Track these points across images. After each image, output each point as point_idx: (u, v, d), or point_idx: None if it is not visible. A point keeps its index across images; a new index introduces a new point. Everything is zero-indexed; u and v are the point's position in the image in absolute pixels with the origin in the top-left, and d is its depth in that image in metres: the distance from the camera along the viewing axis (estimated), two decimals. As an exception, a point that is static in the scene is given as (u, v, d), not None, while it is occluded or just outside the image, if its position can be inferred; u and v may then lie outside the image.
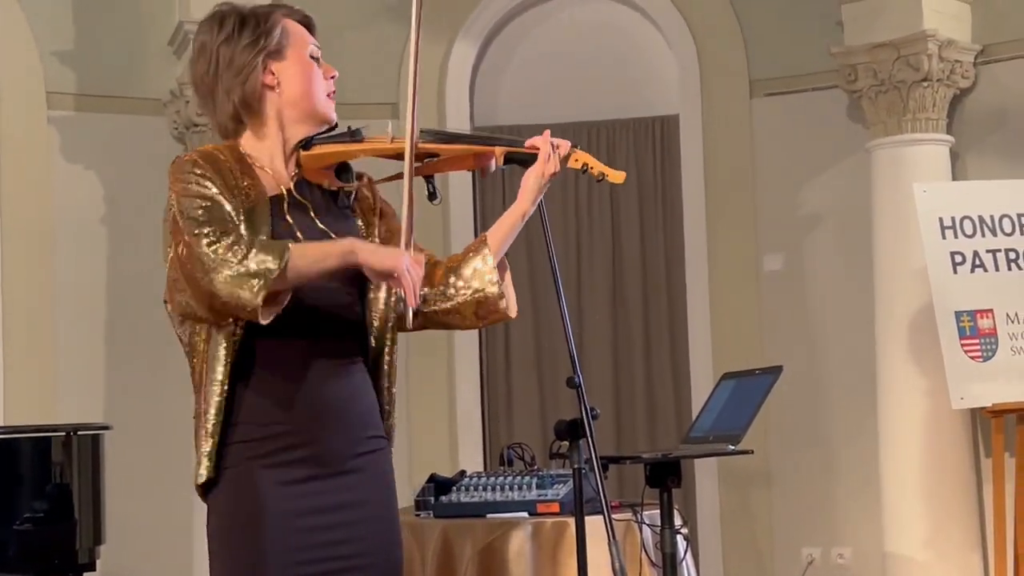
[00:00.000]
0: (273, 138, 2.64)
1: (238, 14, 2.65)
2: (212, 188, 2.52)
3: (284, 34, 2.64)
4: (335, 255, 2.49)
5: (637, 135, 7.10)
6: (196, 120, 6.49)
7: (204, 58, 2.64)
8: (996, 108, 6.34)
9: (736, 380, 4.75)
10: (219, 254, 2.43)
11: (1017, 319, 5.83)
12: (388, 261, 2.49)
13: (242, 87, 2.61)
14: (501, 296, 2.67)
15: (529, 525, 4.26)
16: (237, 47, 2.61)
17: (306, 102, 2.64)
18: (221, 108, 2.64)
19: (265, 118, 2.64)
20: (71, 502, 5.35)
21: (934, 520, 6.06)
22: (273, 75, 2.62)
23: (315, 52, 2.68)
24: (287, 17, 2.68)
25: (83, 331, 6.54)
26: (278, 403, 2.54)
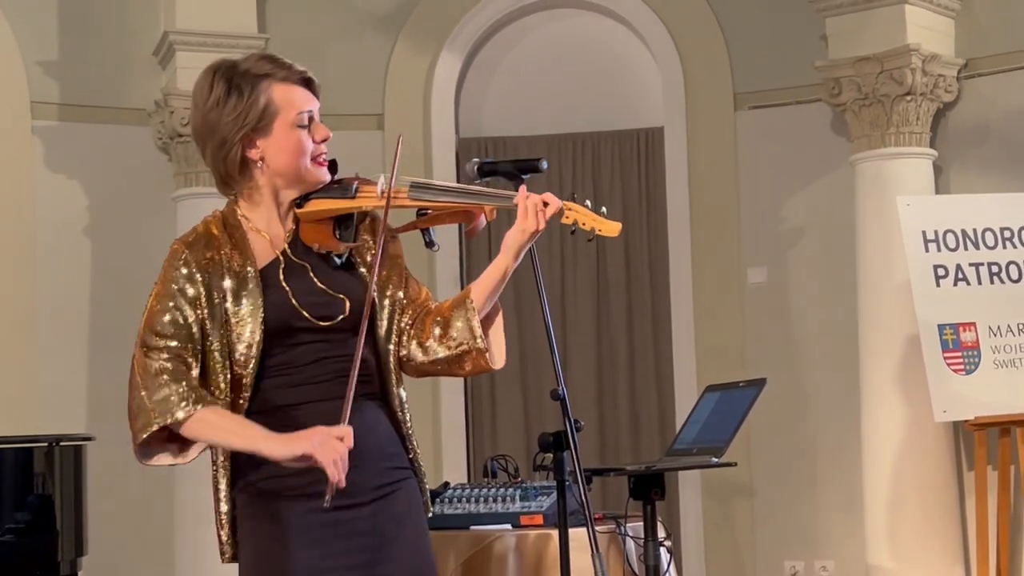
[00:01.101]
0: (266, 201, 2.67)
1: (228, 80, 2.62)
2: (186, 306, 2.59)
3: (269, 107, 2.61)
4: (239, 440, 2.55)
5: (622, 147, 7.11)
6: (180, 131, 6.49)
7: (195, 119, 2.67)
8: (979, 122, 6.36)
9: (720, 392, 4.75)
10: (143, 374, 2.59)
11: (999, 332, 5.85)
12: (295, 448, 2.49)
13: (224, 159, 2.63)
14: (486, 350, 2.70)
15: (513, 537, 4.25)
16: (221, 118, 2.61)
17: (292, 173, 2.65)
18: (212, 170, 2.68)
19: (255, 185, 2.66)
20: (53, 513, 5.33)
21: (917, 533, 6.07)
22: (257, 148, 2.62)
23: (305, 119, 2.64)
24: (281, 81, 2.63)
25: (66, 342, 6.52)
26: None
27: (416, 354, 2.72)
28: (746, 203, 6.85)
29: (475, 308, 2.69)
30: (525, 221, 2.67)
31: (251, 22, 6.67)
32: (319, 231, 2.66)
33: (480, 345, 2.68)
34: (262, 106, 2.60)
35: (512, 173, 3.01)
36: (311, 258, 2.66)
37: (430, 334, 2.71)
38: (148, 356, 2.57)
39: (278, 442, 2.51)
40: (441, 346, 2.70)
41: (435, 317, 2.73)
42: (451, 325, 2.70)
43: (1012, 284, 5.93)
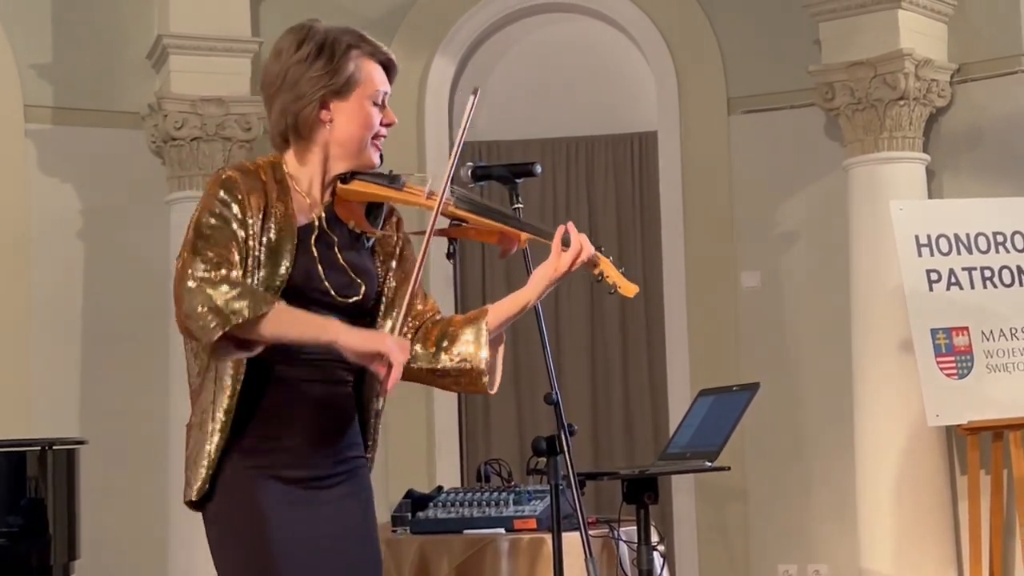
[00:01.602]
0: (315, 165, 2.69)
1: (320, 39, 2.66)
2: (234, 215, 2.57)
3: (354, 74, 2.66)
4: (313, 331, 2.54)
5: (616, 151, 7.12)
6: (174, 134, 6.48)
7: (274, 69, 2.68)
8: (972, 127, 6.38)
9: (713, 397, 4.75)
10: (202, 276, 2.50)
11: (992, 337, 5.86)
12: (371, 344, 2.52)
13: (297, 113, 2.65)
14: (485, 373, 2.73)
15: (506, 541, 4.26)
16: (305, 73, 2.64)
17: (352, 145, 2.68)
18: (275, 121, 2.70)
19: (312, 146, 2.68)
20: (46, 517, 5.31)
21: (910, 537, 6.08)
22: (329, 111, 2.66)
23: (380, 98, 2.69)
24: (368, 56, 2.70)
25: (59, 345, 6.51)
26: (280, 422, 2.61)
27: (418, 358, 2.73)
28: (740, 207, 6.85)
29: (487, 330, 2.73)
30: (559, 261, 2.73)
31: (245, 26, 6.67)
32: (354, 211, 2.70)
33: (482, 367, 2.71)
34: (348, 72, 2.65)
35: (506, 177, 3.01)
36: (340, 233, 2.69)
37: (435, 343, 2.74)
38: (203, 260, 2.52)
39: (358, 336, 2.53)
40: (445, 356, 2.73)
41: (444, 328, 2.75)
42: (459, 339, 2.72)
43: (1005, 288, 5.94)
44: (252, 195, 2.60)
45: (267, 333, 2.49)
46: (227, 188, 2.59)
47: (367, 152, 2.69)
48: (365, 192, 2.69)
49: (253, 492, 2.58)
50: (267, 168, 2.67)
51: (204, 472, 2.59)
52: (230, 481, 2.59)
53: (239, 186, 2.59)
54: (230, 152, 6.56)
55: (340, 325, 2.55)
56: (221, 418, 2.58)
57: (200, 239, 2.56)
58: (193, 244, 2.56)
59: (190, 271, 2.52)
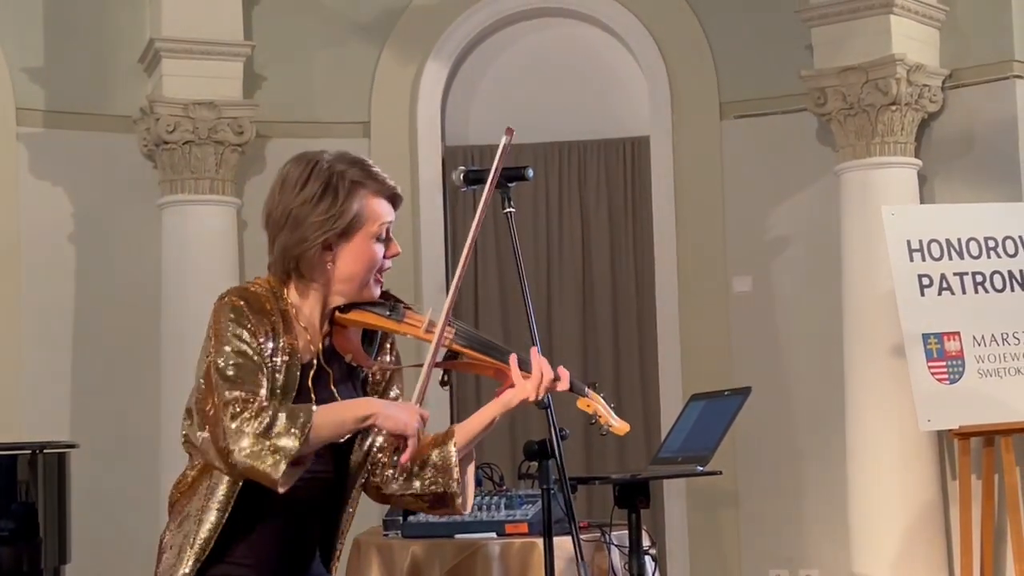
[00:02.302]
0: (315, 300, 2.67)
1: (326, 178, 2.62)
2: (247, 346, 2.56)
3: (359, 215, 2.63)
4: (351, 421, 2.56)
5: (608, 156, 7.12)
6: (166, 138, 6.48)
7: (279, 204, 2.65)
8: (963, 132, 6.39)
9: (705, 401, 4.76)
10: (241, 428, 2.48)
11: (984, 342, 5.87)
12: (401, 424, 2.58)
13: (299, 256, 2.63)
14: (458, 495, 2.76)
15: (497, 545, 4.26)
16: (309, 216, 2.60)
17: (355, 283, 2.67)
18: (277, 257, 2.66)
19: (313, 283, 2.66)
20: (36, 520, 5.31)
21: (901, 542, 6.08)
22: (332, 252, 2.64)
23: (384, 233, 2.67)
24: (373, 193, 2.66)
25: (50, 349, 6.49)
26: (258, 548, 2.64)
27: (389, 483, 2.77)
28: (731, 212, 6.86)
29: (455, 452, 2.76)
30: (531, 390, 2.80)
31: (237, 30, 6.66)
32: (351, 340, 2.71)
33: (455, 489, 2.75)
34: (352, 215, 2.62)
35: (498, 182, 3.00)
36: (336, 368, 2.71)
37: (407, 468, 2.76)
38: (237, 404, 2.49)
39: (389, 410, 2.58)
40: (416, 481, 2.76)
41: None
42: (429, 462, 2.76)
43: (996, 294, 5.95)
44: (260, 323, 2.59)
45: (315, 442, 2.52)
46: (236, 317, 2.57)
47: (368, 289, 2.68)
48: (363, 321, 2.69)
49: None
50: (270, 297, 2.64)
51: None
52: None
53: (247, 315, 2.57)
54: (222, 156, 6.56)
55: (373, 402, 2.60)
56: (204, 536, 2.58)
57: (225, 382, 2.52)
58: (220, 390, 2.51)
59: (226, 425, 2.48)
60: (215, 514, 2.57)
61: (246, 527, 2.61)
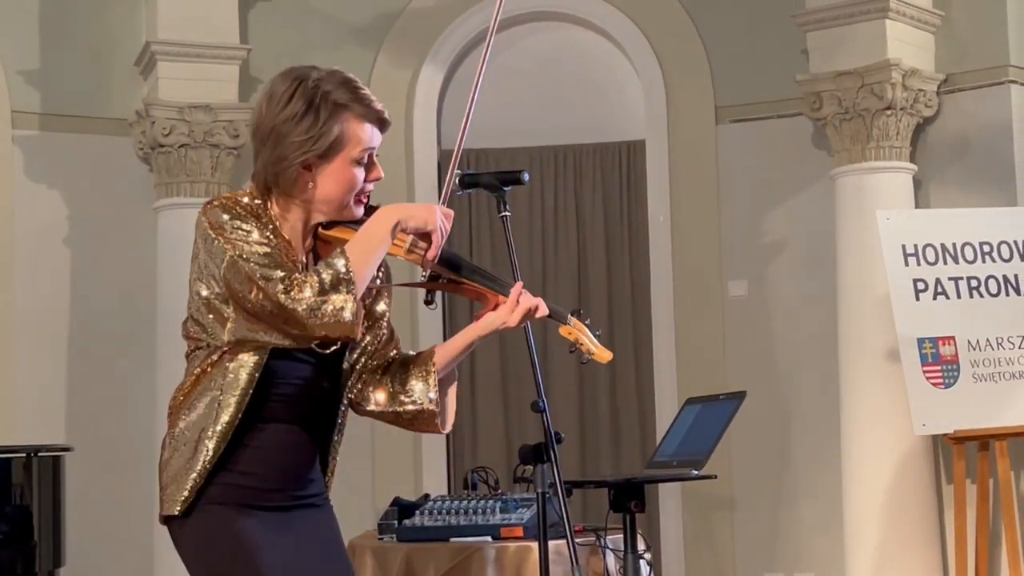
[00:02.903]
0: (296, 215, 2.67)
1: (309, 96, 2.61)
2: (257, 230, 2.57)
3: (341, 136, 2.61)
4: (381, 240, 2.58)
5: (604, 160, 7.13)
6: (162, 140, 6.47)
7: (264, 118, 2.64)
8: (959, 137, 6.39)
9: (700, 405, 4.76)
10: (300, 300, 2.49)
11: (979, 346, 5.87)
12: (425, 222, 2.60)
13: (278, 173, 2.62)
14: (436, 414, 2.79)
15: (492, 549, 4.26)
16: (290, 134, 2.59)
17: (332, 205, 2.66)
18: (259, 171, 2.66)
19: (293, 200, 2.66)
20: (31, 524, 5.31)
21: (896, 546, 6.08)
22: (311, 172, 2.62)
23: (365, 157, 2.65)
24: (358, 117, 2.64)
25: (45, 352, 6.49)
26: (262, 459, 2.64)
27: (367, 401, 2.80)
28: (727, 216, 6.86)
29: (434, 371, 2.78)
30: (509, 315, 2.76)
31: (233, 32, 6.66)
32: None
33: (433, 408, 2.78)
34: (333, 137, 2.61)
35: (494, 185, 3.01)
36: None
37: (385, 387, 2.80)
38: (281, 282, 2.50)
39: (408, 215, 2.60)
40: (394, 401, 2.79)
41: (395, 369, 2.81)
42: (408, 383, 2.78)
43: (991, 298, 5.96)
44: (258, 222, 2.60)
45: (363, 276, 2.53)
46: (232, 217, 2.57)
47: (349, 210, 2.68)
48: (345, 239, 2.67)
49: (234, 514, 2.60)
50: (253, 207, 2.64)
51: (187, 495, 2.61)
52: (212, 501, 2.61)
53: (243, 215, 2.58)
54: (218, 159, 6.56)
55: (390, 214, 2.60)
56: (215, 443, 2.59)
57: (260, 268, 2.51)
58: (260, 275, 2.51)
59: (285, 304, 2.49)
60: (233, 406, 2.58)
61: (252, 437, 2.61)
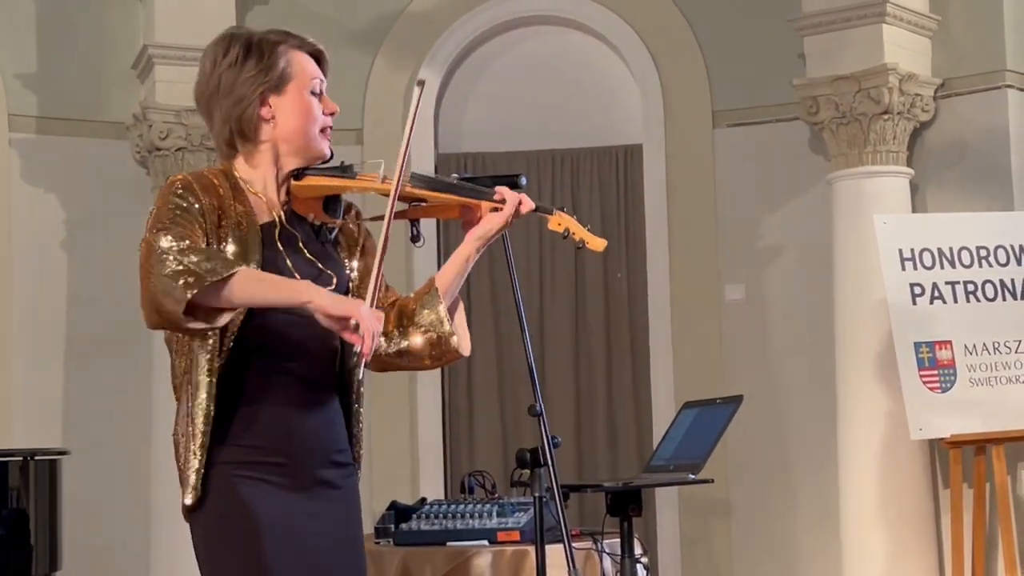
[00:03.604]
0: (266, 166, 2.69)
1: (245, 41, 2.68)
2: (192, 205, 2.56)
3: (287, 68, 2.68)
4: (285, 291, 2.50)
5: (601, 164, 7.13)
6: (159, 144, 6.47)
7: (206, 79, 2.69)
8: (955, 141, 6.40)
9: (697, 409, 4.76)
10: (169, 247, 2.46)
11: (975, 351, 5.88)
12: (344, 309, 2.49)
13: (239, 117, 2.66)
14: (452, 334, 2.72)
15: (489, 553, 4.25)
16: (239, 76, 2.65)
17: (300, 138, 2.68)
18: (218, 130, 2.70)
19: (259, 146, 2.68)
20: (27, 527, 5.30)
21: (893, 551, 6.08)
22: (270, 108, 2.66)
23: (317, 87, 2.70)
24: (297, 49, 2.71)
25: (42, 355, 6.49)
26: (263, 428, 2.60)
27: (381, 345, 2.72)
28: (724, 220, 6.87)
29: (441, 296, 2.73)
30: (499, 216, 2.72)
31: (230, 36, 6.66)
32: (312, 206, 2.69)
33: (447, 329, 2.71)
34: (280, 68, 2.66)
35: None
36: (302, 230, 2.70)
37: (395, 325, 2.74)
38: (169, 234, 2.48)
39: (330, 297, 2.50)
40: (408, 334, 2.73)
41: (400, 310, 2.76)
42: (418, 314, 2.73)
43: (988, 303, 5.96)
44: (207, 196, 2.59)
45: (238, 295, 2.46)
46: (184, 187, 2.59)
47: (316, 143, 2.69)
48: (320, 185, 2.68)
49: (242, 498, 2.57)
50: (218, 174, 2.67)
51: (193, 480, 2.57)
52: (218, 488, 2.58)
53: (193, 187, 2.59)
54: (215, 163, 6.54)
55: (313, 287, 2.51)
56: (200, 425, 2.56)
57: (160, 222, 2.53)
58: (154, 226, 2.52)
59: (156, 246, 2.47)
60: (204, 397, 2.55)
61: (248, 407, 2.58)
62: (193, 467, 2.57)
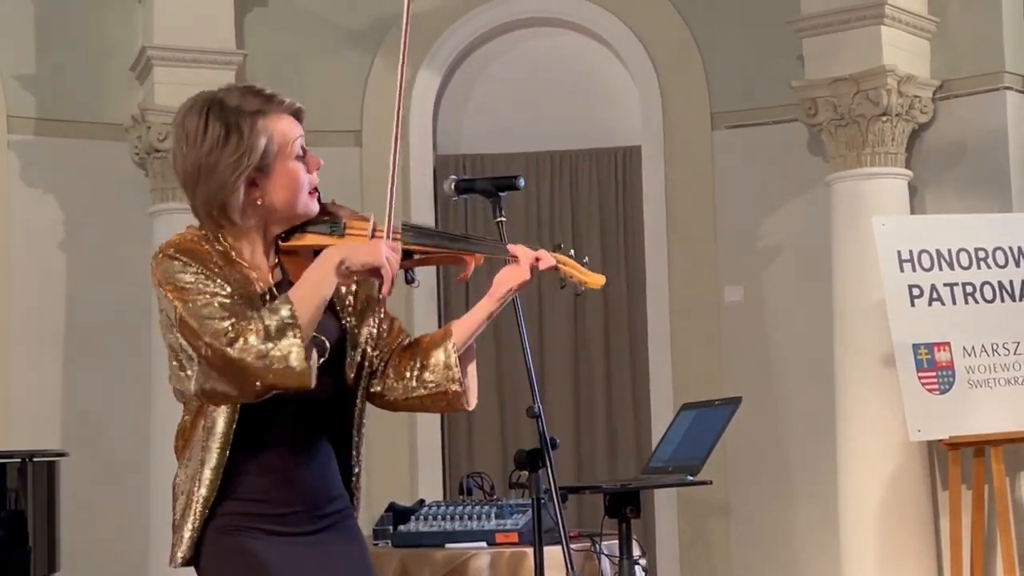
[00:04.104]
0: (254, 236, 2.61)
1: (224, 120, 2.54)
2: (204, 280, 2.50)
3: (269, 145, 2.56)
4: (325, 283, 2.51)
5: (599, 165, 7.13)
6: (157, 146, 6.47)
7: (184, 159, 2.57)
8: (954, 143, 6.40)
9: (696, 411, 4.76)
10: (245, 348, 2.42)
11: (974, 352, 5.87)
12: (370, 258, 2.51)
13: (224, 202, 2.55)
14: (463, 392, 2.74)
15: (488, 555, 4.25)
16: (220, 160, 2.53)
17: (289, 208, 2.61)
18: (201, 207, 2.59)
19: (247, 221, 2.59)
20: (26, 528, 5.30)
21: (891, 552, 6.08)
22: (257, 188, 2.57)
23: (299, 149, 2.61)
24: (275, 116, 2.59)
25: (40, 357, 6.48)
26: (267, 480, 2.59)
27: (392, 390, 2.74)
28: (723, 222, 6.87)
29: (455, 349, 2.73)
30: (519, 271, 2.74)
31: (229, 38, 6.67)
32: (302, 264, 2.62)
33: (457, 388, 2.72)
34: (263, 145, 2.55)
35: (489, 191, 3.01)
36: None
37: (407, 370, 2.74)
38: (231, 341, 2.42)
39: (353, 253, 2.51)
40: (419, 384, 2.73)
41: (413, 354, 2.75)
42: (429, 364, 2.73)
43: (986, 304, 5.96)
44: (205, 264, 2.52)
45: (309, 320, 2.47)
46: (182, 265, 2.50)
47: (304, 207, 2.62)
48: (308, 245, 2.63)
49: (244, 543, 2.56)
50: (204, 242, 2.56)
51: (190, 533, 2.56)
52: (218, 537, 2.56)
53: (188, 262, 2.51)
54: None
55: (332, 254, 2.51)
56: (209, 476, 2.54)
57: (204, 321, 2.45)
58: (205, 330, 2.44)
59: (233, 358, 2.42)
60: (216, 453, 2.54)
61: (252, 461, 2.56)
62: (189, 525, 2.56)
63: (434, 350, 2.73)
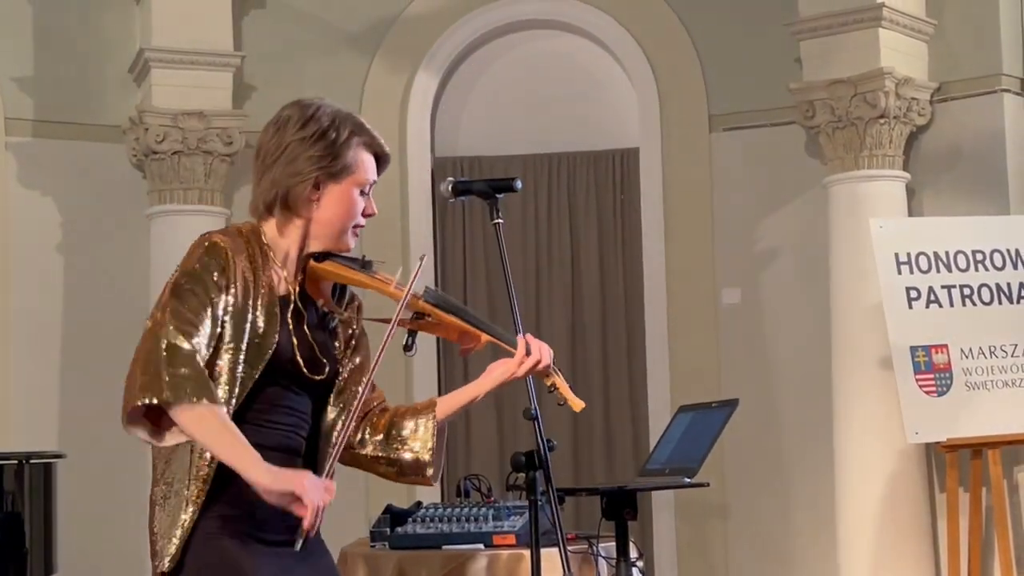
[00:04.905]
0: (293, 240, 2.72)
1: (323, 125, 2.69)
2: (214, 282, 2.59)
3: (351, 163, 2.71)
4: (232, 457, 2.53)
5: (597, 168, 7.13)
6: (155, 147, 6.47)
7: (274, 139, 2.71)
8: (952, 145, 6.40)
9: (693, 413, 4.76)
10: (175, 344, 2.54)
11: (971, 354, 5.88)
12: (285, 484, 2.52)
13: (289, 188, 2.68)
14: (430, 465, 2.81)
15: (485, 557, 4.25)
16: (305, 152, 2.68)
17: (334, 228, 2.72)
18: (263, 190, 2.71)
19: (295, 220, 2.71)
20: (22, 530, 5.29)
21: (889, 554, 6.08)
22: (319, 191, 2.70)
23: (367, 188, 2.75)
24: (365, 147, 2.75)
25: (37, 358, 6.48)
26: (245, 498, 2.60)
27: (364, 444, 2.81)
28: (720, 224, 6.87)
29: (434, 423, 2.81)
30: (518, 367, 2.85)
31: (227, 40, 6.67)
32: (323, 290, 2.76)
33: (427, 459, 2.80)
34: (346, 160, 2.70)
35: (486, 192, 3.01)
36: (310, 311, 2.74)
37: (382, 431, 2.82)
38: (180, 332, 2.55)
39: (270, 473, 2.52)
40: (392, 446, 2.81)
41: (391, 418, 2.83)
42: (405, 432, 2.81)
43: (984, 307, 5.96)
44: (239, 258, 2.63)
45: (191, 427, 2.53)
46: (211, 254, 2.62)
47: (345, 238, 2.74)
48: (336, 273, 2.74)
49: (228, 549, 2.60)
50: (249, 234, 2.70)
51: (177, 543, 2.61)
52: (203, 546, 2.60)
53: (224, 252, 2.62)
54: (211, 166, 6.56)
55: (260, 465, 2.53)
56: (197, 487, 2.59)
57: (176, 299, 2.58)
58: (167, 305, 2.58)
59: (158, 340, 2.56)
60: (203, 464, 2.59)
61: (231, 479, 2.58)
62: (176, 535, 2.62)
63: (416, 417, 2.82)
